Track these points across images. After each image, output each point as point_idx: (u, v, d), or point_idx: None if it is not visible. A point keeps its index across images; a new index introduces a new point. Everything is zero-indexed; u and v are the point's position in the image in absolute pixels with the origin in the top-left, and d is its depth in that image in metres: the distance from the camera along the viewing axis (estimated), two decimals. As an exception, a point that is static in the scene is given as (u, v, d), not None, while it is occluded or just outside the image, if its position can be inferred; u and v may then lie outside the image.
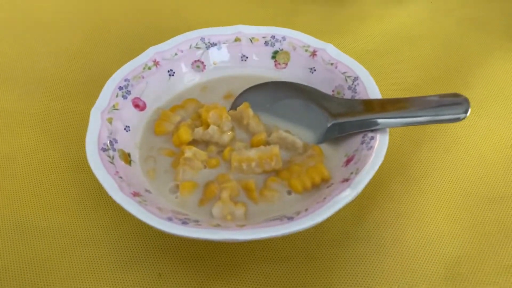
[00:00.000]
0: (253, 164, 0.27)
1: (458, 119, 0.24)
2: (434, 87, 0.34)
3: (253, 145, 0.28)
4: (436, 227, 0.27)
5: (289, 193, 0.26)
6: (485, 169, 0.30)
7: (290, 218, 0.23)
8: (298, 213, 0.23)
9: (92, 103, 0.28)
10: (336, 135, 0.28)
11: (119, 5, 0.43)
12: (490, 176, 0.29)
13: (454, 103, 0.24)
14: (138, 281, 0.25)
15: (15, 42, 0.39)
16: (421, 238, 0.26)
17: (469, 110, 0.24)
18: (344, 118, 0.28)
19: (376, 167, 0.24)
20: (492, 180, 0.29)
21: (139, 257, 0.26)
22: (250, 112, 0.29)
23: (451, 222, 0.27)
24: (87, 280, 0.25)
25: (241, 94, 0.31)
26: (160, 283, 0.25)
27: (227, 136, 0.28)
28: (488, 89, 0.34)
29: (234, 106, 0.31)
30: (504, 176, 0.29)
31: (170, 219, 0.23)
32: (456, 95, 0.25)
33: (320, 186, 0.26)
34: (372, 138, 0.26)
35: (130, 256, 0.26)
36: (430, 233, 0.27)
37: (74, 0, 0.43)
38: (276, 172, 0.27)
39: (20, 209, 0.28)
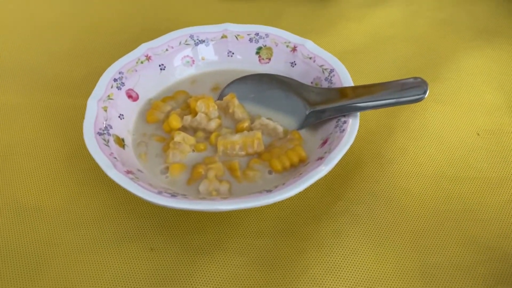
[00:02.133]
0: (237, 147, 0.29)
1: (419, 99, 0.26)
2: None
3: (237, 132, 0.31)
4: (405, 205, 0.29)
5: (270, 172, 0.29)
6: (452, 154, 0.32)
7: (269, 191, 0.25)
8: (276, 186, 0.26)
9: (87, 97, 0.30)
10: (314, 121, 0.30)
11: (112, 7, 0.45)
12: (456, 160, 0.32)
13: (414, 86, 0.27)
14: (132, 255, 0.27)
15: (16, 41, 0.42)
16: (392, 214, 0.29)
17: (428, 91, 0.26)
18: (321, 105, 0.30)
19: (348, 146, 0.27)
20: (458, 163, 0.32)
21: (132, 233, 0.28)
22: (236, 101, 0.32)
23: (419, 200, 0.30)
24: (86, 255, 0.27)
25: (227, 86, 0.33)
26: (152, 256, 0.27)
27: (214, 123, 0.31)
28: (457, 82, 0.37)
29: (220, 97, 0.33)
30: (469, 160, 0.32)
31: (160, 192, 0.25)
32: (416, 78, 0.27)
33: (298, 166, 0.29)
34: (344, 122, 0.28)
35: (124, 233, 0.28)
36: (400, 210, 0.29)
37: (71, 3, 0.46)
38: (258, 155, 0.30)
39: (22, 195, 0.30)
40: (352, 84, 0.30)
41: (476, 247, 0.27)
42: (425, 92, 0.27)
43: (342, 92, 0.30)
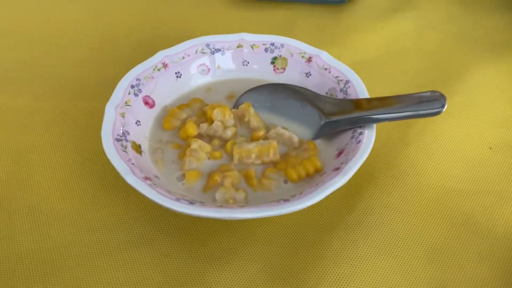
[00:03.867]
0: (253, 155, 0.29)
1: (437, 113, 0.27)
2: (420, 93, 0.37)
3: (253, 140, 0.31)
4: (418, 218, 0.29)
5: (285, 182, 0.29)
6: (465, 168, 0.32)
7: (286, 200, 0.25)
8: (293, 196, 0.26)
9: (104, 103, 0.31)
10: (329, 132, 0.31)
11: (127, 14, 0.46)
12: (469, 174, 0.32)
13: (432, 99, 0.27)
14: (146, 261, 0.27)
15: (32, 47, 0.42)
16: (404, 227, 0.29)
17: (446, 105, 0.27)
18: (336, 116, 0.31)
19: (364, 157, 0.27)
20: (471, 178, 0.32)
21: (146, 239, 0.28)
22: (251, 110, 0.32)
23: (432, 213, 0.30)
24: (101, 259, 0.27)
25: (243, 94, 0.34)
26: (165, 262, 0.27)
27: (230, 131, 0.31)
28: (469, 96, 0.37)
29: (236, 105, 0.33)
30: (481, 174, 0.32)
31: (178, 199, 0.25)
32: (433, 92, 0.28)
33: (313, 176, 0.29)
34: (360, 133, 0.29)
35: (138, 239, 0.28)
36: (413, 223, 0.29)
37: (86, 10, 0.46)
38: (274, 164, 0.30)
39: (37, 199, 0.30)
40: (367, 96, 0.31)
41: (488, 262, 0.27)
42: (443, 106, 0.27)
43: (357, 104, 0.30)
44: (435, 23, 0.45)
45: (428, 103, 0.27)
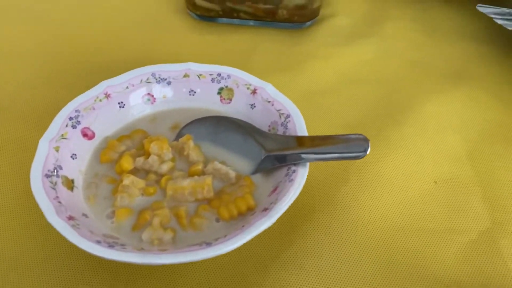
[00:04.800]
0: (186, 192, 0.29)
1: (359, 157, 0.26)
2: (367, 127, 0.37)
3: (190, 175, 0.30)
4: (355, 256, 0.29)
5: (217, 220, 0.28)
6: (408, 203, 0.32)
7: (209, 244, 0.25)
8: (217, 239, 0.25)
9: (42, 133, 0.30)
10: (268, 167, 0.30)
11: (86, 38, 0.45)
12: (411, 210, 0.32)
13: (357, 142, 0.27)
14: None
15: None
16: (339, 265, 0.28)
17: (369, 149, 0.26)
18: (276, 152, 0.30)
19: (293, 199, 0.26)
20: (414, 214, 0.31)
21: (78, 279, 0.28)
22: (191, 143, 0.32)
23: (371, 252, 0.29)
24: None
25: (185, 126, 0.33)
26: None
27: (166, 166, 0.30)
28: (419, 128, 0.37)
29: (177, 137, 0.33)
30: (425, 210, 0.32)
31: (98, 242, 0.25)
32: (358, 135, 0.27)
33: (246, 215, 0.28)
34: (294, 171, 0.28)
35: (68, 278, 0.28)
36: (347, 261, 0.29)
37: (37, 31, 0.46)
38: (208, 201, 0.29)
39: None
40: (305, 132, 0.30)
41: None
42: (365, 150, 0.26)
43: (298, 141, 0.30)
44: (395, 51, 0.44)
45: (353, 145, 0.27)
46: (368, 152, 0.26)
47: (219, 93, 0.35)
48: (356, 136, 0.27)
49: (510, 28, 0.39)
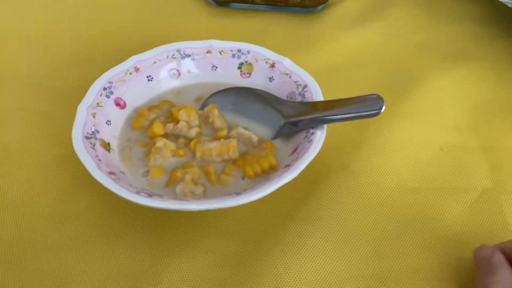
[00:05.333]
0: (214, 153, 0.32)
1: (375, 114, 0.29)
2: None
3: (215, 139, 0.33)
4: (368, 213, 0.32)
5: (243, 178, 0.31)
6: (416, 167, 0.34)
7: (238, 194, 0.27)
8: (245, 190, 0.28)
9: (77, 104, 0.33)
10: (287, 132, 0.33)
11: (107, 20, 0.48)
12: (419, 173, 0.34)
13: (371, 101, 0.30)
14: (114, 251, 0.29)
15: (10, 49, 0.44)
16: (355, 220, 0.31)
17: (383, 106, 0.29)
18: (294, 118, 0.33)
19: (313, 155, 0.29)
20: (421, 176, 0.34)
21: (115, 231, 0.30)
22: (215, 111, 0.34)
23: (382, 209, 0.32)
24: (70, 249, 0.29)
25: (209, 97, 0.36)
26: (131, 252, 0.29)
27: (194, 131, 0.33)
28: (425, 101, 0.39)
29: (202, 107, 0.36)
30: (431, 173, 0.34)
31: (138, 192, 0.27)
32: (372, 95, 0.30)
33: (269, 172, 0.31)
34: (312, 133, 0.31)
35: (107, 231, 0.30)
36: (362, 217, 0.31)
37: (66, 14, 0.49)
38: (233, 161, 0.32)
39: (17, 193, 0.32)
40: (322, 99, 0.33)
41: (428, 254, 0.30)
42: (380, 108, 0.29)
43: (314, 106, 0.32)
44: (400, 33, 0.47)
45: (368, 105, 0.30)
46: (383, 109, 0.29)
47: (239, 67, 0.38)
48: (370, 96, 0.30)
49: (510, 6, 0.41)
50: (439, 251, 0.30)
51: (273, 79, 0.37)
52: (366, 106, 0.29)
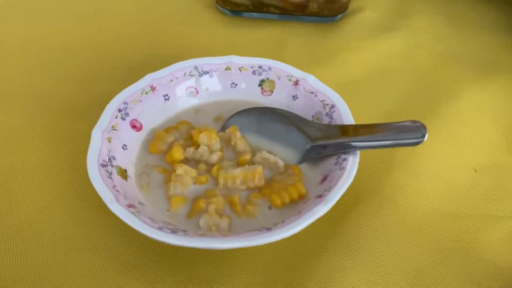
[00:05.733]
0: (238, 181, 0.30)
1: (416, 143, 0.27)
2: (407, 115, 0.37)
3: (239, 164, 0.31)
4: (404, 242, 0.30)
5: (270, 208, 0.29)
6: (450, 190, 0.33)
7: (268, 229, 0.25)
8: (275, 224, 0.26)
9: (90, 123, 0.31)
10: (314, 156, 0.31)
11: (118, 34, 0.46)
12: (454, 197, 0.32)
13: (413, 129, 0.28)
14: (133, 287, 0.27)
15: (21, 64, 0.42)
16: (390, 250, 0.29)
17: (426, 135, 0.27)
18: (322, 141, 0.31)
19: (347, 185, 0.27)
20: (456, 201, 0.32)
21: (134, 265, 0.28)
22: (238, 134, 0.32)
23: (417, 237, 0.30)
24: (84, 284, 0.27)
25: (230, 117, 0.34)
26: (151, 289, 0.27)
27: (216, 156, 0.31)
28: (455, 118, 0.37)
29: (223, 128, 0.34)
30: (466, 197, 0.32)
31: (161, 228, 0.25)
32: (415, 122, 0.28)
33: (297, 202, 0.29)
34: (344, 159, 0.29)
35: (125, 264, 0.28)
36: (398, 247, 0.29)
37: (78, 29, 0.47)
38: (259, 189, 0.30)
39: (23, 220, 0.31)
40: (352, 122, 0.31)
41: (473, 285, 0.28)
42: (423, 136, 0.27)
43: (343, 130, 0.30)
44: (424, 43, 0.45)
45: (409, 132, 0.28)
46: (425, 138, 0.27)
47: (260, 85, 0.36)
48: (411, 122, 0.28)
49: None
50: (479, 282, 0.28)
51: (297, 98, 0.35)
52: (406, 134, 0.27)
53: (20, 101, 0.39)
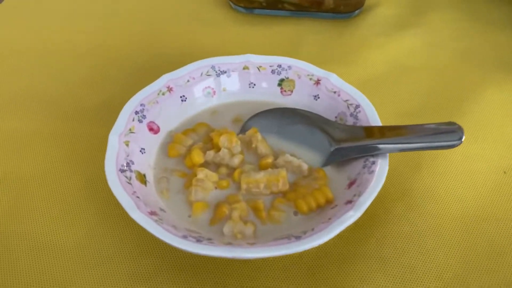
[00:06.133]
0: (262, 186, 0.28)
1: (453, 146, 0.26)
2: (430, 115, 0.36)
3: (261, 168, 0.30)
4: (434, 247, 0.28)
5: (295, 213, 0.28)
6: (479, 193, 0.31)
7: (298, 237, 0.24)
8: (305, 232, 0.25)
9: (105, 127, 0.30)
10: (339, 159, 0.30)
11: (129, 34, 0.45)
12: (483, 200, 0.31)
13: (449, 131, 0.26)
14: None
15: (31, 67, 0.41)
16: (421, 257, 0.28)
17: (463, 137, 0.26)
18: (347, 143, 0.30)
19: (377, 190, 0.26)
20: (486, 204, 0.31)
21: (150, 273, 0.27)
22: (259, 136, 0.31)
23: (448, 242, 0.29)
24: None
25: (249, 119, 0.33)
26: (172, 299, 0.26)
27: (237, 159, 0.30)
28: (480, 117, 0.36)
29: (243, 130, 0.32)
30: (496, 200, 0.31)
31: (185, 237, 0.24)
32: (451, 123, 0.27)
33: (324, 207, 0.28)
34: (373, 162, 0.28)
35: (141, 273, 0.27)
36: (429, 253, 0.28)
37: (88, 30, 0.46)
38: (283, 194, 0.29)
39: (36, 228, 0.29)
40: (379, 123, 0.30)
41: (507, 295, 0.27)
42: (460, 139, 0.26)
43: (369, 131, 0.29)
44: (443, 40, 0.44)
45: (444, 135, 0.26)
46: (462, 140, 0.26)
47: (279, 84, 0.35)
48: (447, 124, 0.27)
49: None
50: (516, 292, 0.27)
51: (319, 97, 0.33)
52: (442, 136, 0.26)
53: (27, 104, 0.38)
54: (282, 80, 0.35)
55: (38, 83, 0.40)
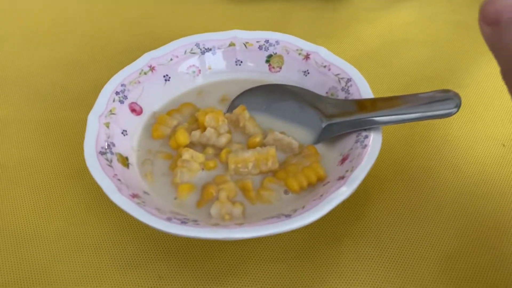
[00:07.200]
0: (250, 165, 0.27)
1: (450, 114, 0.24)
2: (425, 88, 0.35)
3: (249, 147, 0.29)
4: (431, 224, 0.27)
5: (286, 192, 0.27)
6: (477, 168, 0.30)
7: (288, 216, 0.23)
8: (295, 210, 0.24)
9: (85, 111, 0.28)
10: (331, 135, 0.28)
11: (114, 15, 0.43)
12: (481, 173, 0.30)
13: (445, 99, 0.25)
14: (139, 284, 0.25)
15: (12, 52, 0.40)
16: (417, 234, 0.27)
17: (460, 105, 0.24)
18: (338, 118, 0.28)
19: (370, 165, 0.25)
20: (485, 178, 0.30)
21: (138, 259, 0.26)
22: (246, 114, 0.30)
23: (445, 218, 0.28)
24: (88, 283, 0.25)
25: (236, 97, 0.31)
26: (160, 284, 0.25)
27: (224, 138, 0.29)
28: (477, 89, 0.35)
29: (230, 109, 0.31)
30: (495, 174, 0.30)
31: (169, 219, 0.23)
32: (446, 91, 0.25)
33: (316, 185, 0.27)
34: (366, 136, 0.26)
35: (130, 259, 0.26)
36: (425, 230, 0.27)
37: (70, 12, 0.44)
38: (273, 173, 0.27)
39: (19, 217, 0.28)
40: (371, 96, 0.28)
41: (504, 265, 0.25)
42: (457, 106, 0.25)
43: (361, 104, 0.28)
44: (438, 13, 0.42)
45: (440, 103, 0.25)
46: (459, 108, 0.24)
47: (267, 61, 0.33)
48: (441, 92, 0.25)
49: None
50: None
51: (309, 73, 0.32)
52: (437, 104, 0.25)
53: (3, 88, 0.36)
54: (270, 56, 0.33)
55: (19, 68, 0.38)
